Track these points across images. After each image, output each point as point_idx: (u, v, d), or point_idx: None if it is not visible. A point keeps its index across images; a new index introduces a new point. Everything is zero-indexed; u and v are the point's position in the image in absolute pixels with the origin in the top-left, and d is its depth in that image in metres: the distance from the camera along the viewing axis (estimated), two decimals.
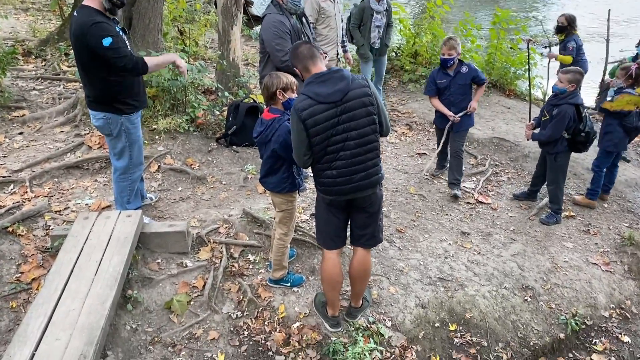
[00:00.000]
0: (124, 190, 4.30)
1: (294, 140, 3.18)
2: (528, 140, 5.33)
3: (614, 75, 7.50)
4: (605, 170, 5.53)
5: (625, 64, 5.32)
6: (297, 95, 3.57)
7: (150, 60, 3.88)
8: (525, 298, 4.25)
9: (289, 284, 4.05)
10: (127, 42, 3.92)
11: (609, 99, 5.55)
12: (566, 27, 7.13)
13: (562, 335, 4.08)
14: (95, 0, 3.71)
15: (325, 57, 5.02)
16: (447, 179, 5.79)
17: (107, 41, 3.61)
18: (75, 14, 3.76)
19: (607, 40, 5.76)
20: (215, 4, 9.70)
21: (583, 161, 6.48)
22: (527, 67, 5.75)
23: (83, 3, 3.75)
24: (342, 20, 6.39)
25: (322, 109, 3.05)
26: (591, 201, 5.64)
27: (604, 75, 6.61)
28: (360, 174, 3.21)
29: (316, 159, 3.21)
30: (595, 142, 5.25)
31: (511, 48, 8.97)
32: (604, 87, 7.45)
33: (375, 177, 3.27)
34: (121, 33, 3.89)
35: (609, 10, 7.22)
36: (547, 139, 4.98)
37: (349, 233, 3.61)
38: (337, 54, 6.32)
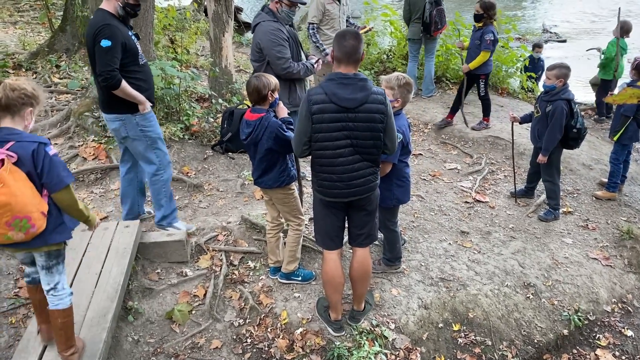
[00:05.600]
0: (159, 192, 4.29)
1: (297, 127, 3.18)
2: (541, 162, 5.08)
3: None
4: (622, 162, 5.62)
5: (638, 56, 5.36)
6: (277, 96, 3.65)
7: (125, 87, 3.81)
8: (528, 295, 4.24)
9: (299, 278, 4.08)
10: (138, 46, 3.97)
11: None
12: (483, 15, 6.52)
13: (565, 332, 4.08)
14: (111, 5, 3.81)
15: (325, 57, 5.03)
16: None
17: (105, 43, 3.66)
18: (92, 16, 3.87)
19: (618, 39, 5.78)
20: (206, 12, 9.70)
21: (578, 157, 6.49)
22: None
23: (100, 7, 3.86)
24: (346, 22, 6.52)
25: (332, 110, 3.04)
26: (613, 194, 5.71)
27: (615, 71, 6.66)
28: (359, 180, 3.23)
29: (316, 155, 3.21)
30: (588, 137, 5.28)
31: (502, 47, 9.00)
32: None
33: (372, 183, 3.32)
34: (134, 38, 3.94)
35: (619, 8, 7.21)
36: (555, 141, 4.90)
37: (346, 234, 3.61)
38: None
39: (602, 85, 8.23)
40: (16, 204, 2.44)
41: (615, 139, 5.47)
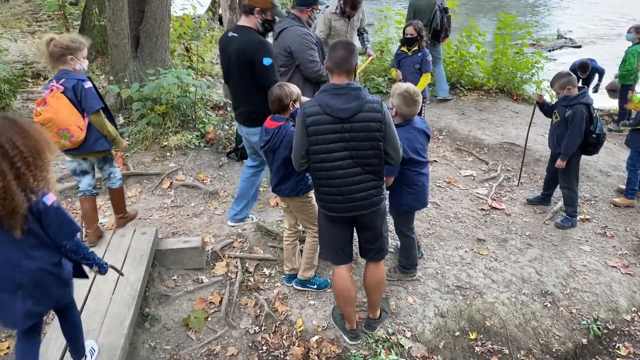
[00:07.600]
0: (254, 184, 4.61)
1: (295, 141, 3.15)
2: (560, 167, 5.03)
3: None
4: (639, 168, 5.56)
5: None
6: (299, 106, 3.63)
7: None
8: (545, 304, 4.19)
9: (315, 286, 4.07)
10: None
11: None
12: (416, 38, 6.24)
13: (584, 341, 4.02)
14: (252, 22, 4.02)
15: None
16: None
17: (267, 61, 3.92)
18: (234, 33, 4.02)
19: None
20: (221, 21, 9.79)
21: (596, 163, 6.43)
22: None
23: (240, 24, 4.08)
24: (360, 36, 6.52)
25: (327, 121, 3.01)
26: (631, 200, 5.65)
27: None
28: (361, 193, 3.15)
29: (314, 168, 3.15)
30: (606, 143, 5.22)
31: (517, 53, 8.95)
32: None
33: (376, 197, 3.22)
34: None
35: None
36: (574, 146, 4.85)
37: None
38: None
39: (622, 91, 8.18)
40: (57, 119, 3.51)
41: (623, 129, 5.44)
